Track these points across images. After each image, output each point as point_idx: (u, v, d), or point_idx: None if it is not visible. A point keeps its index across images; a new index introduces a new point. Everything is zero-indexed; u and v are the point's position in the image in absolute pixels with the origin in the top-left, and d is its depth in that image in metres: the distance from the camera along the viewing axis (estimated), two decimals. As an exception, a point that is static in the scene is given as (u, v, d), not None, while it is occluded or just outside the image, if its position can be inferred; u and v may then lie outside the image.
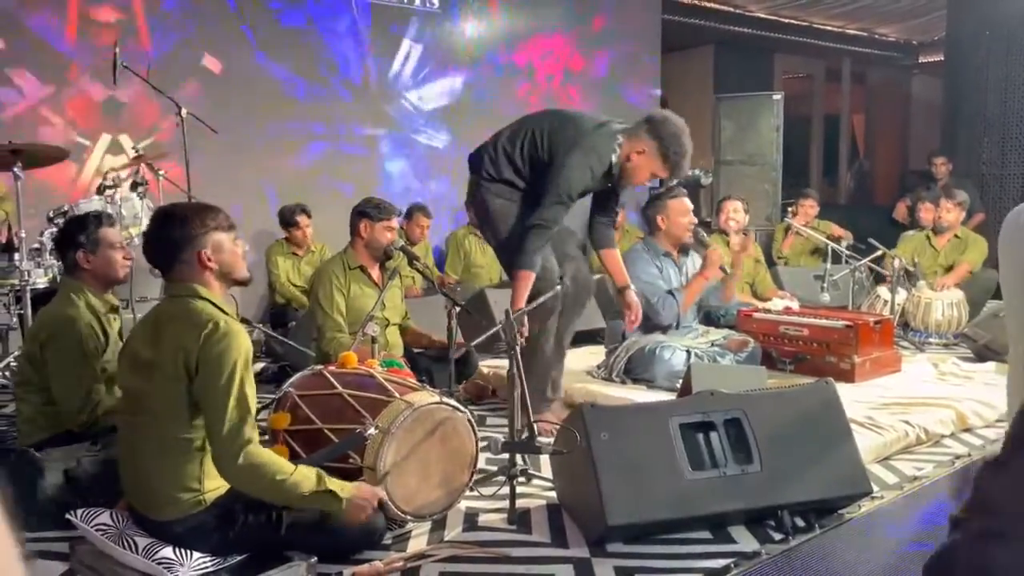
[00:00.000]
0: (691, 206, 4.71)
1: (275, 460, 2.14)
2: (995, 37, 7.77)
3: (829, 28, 11.54)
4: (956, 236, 5.98)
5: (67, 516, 2.29)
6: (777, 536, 2.58)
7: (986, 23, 7.85)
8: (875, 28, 12.02)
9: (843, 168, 13.15)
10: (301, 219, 5.77)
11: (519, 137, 3.55)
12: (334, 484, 2.18)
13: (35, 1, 5.42)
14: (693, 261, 4.50)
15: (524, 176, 3.52)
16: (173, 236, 2.21)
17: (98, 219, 3.00)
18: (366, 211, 3.97)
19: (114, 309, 3.06)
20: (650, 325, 4.19)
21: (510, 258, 3.46)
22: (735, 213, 5.88)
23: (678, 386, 3.61)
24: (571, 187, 3.38)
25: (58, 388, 2.82)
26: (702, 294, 4.45)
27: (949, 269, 5.90)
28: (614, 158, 3.44)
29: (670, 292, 4.28)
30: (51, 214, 4.16)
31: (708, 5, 10.15)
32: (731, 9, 10.37)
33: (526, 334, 3.22)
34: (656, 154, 3.40)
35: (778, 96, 8.78)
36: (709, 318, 4.91)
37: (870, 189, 13.52)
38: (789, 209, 7.25)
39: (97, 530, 2.23)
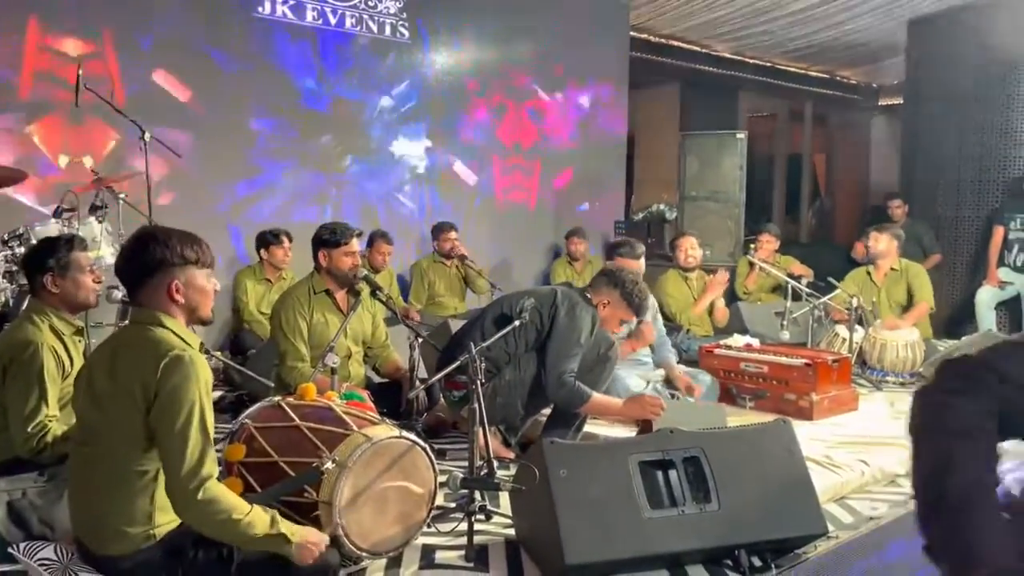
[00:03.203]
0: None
1: (232, 498, 2.08)
2: (951, 83, 8.00)
3: (792, 69, 11.82)
4: (893, 269, 6.07)
5: (9, 550, 2.21)
6: (733, 576, 2.58)
7: (943, 69, 8.08)
8: (837, 70, 12.34)
9: (805, 207, 13.40)
10: (284, 238, 5.71)
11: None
12: (286, 528, 2.13)
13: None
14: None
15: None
16: (148, 258, 2.14)
17: (69, 243, 2.94)
18: (323, 239, 3.94)
19: (79, 331, 2.99)
20: None
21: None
22: (693, 250, 5.95)
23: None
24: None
25: (12, 412, 2.75)
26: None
27: (899, 303, 6.00)
28: None
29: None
30: (5, 236, 4.08)
31: (675, 44, 10.35)
32: (697, 48, 10.58)
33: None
34: (620, 301, 3.72)
35: (742, 135, 8.93)
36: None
37: (831, 228, 13.77)
38: (751, 246, 7.35)
39: (40, 565, 2.16)
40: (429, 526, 2.74)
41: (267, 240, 5.71)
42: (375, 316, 4.20)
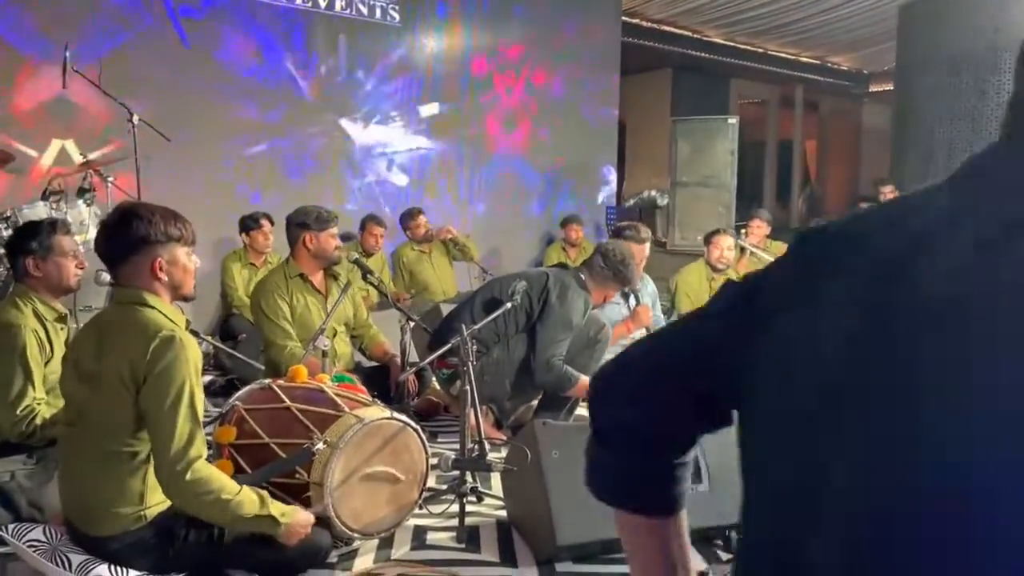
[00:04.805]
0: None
1: (222, 479, 2.07)
2: (941, 69, 8.00)
3: (783, 55, 11.81)
4: None
5: (-2, 532, 2.20)
6: (724, 556, 2.59)
7: (933, 55, 8.08)
8: (828, 56, 12.33)
9: (795, 192, 13.43)
10: (264, 222, 5.67)
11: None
12: (276, 509, 2.12)
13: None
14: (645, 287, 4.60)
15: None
16: (131, 235, 2.11)
17: (52, 226, 2.91)
18: (307, 223, 3.87)
19: (61, 318, 2.96)
20: None
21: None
22: (729, 251, 5.75)
23: None
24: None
25: None
26: None
27: None
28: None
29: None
30: (-8, 218, 4.05)
31: (667, 29, 10.32)
32: (689, 34, 10.56)
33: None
34: (621, 290, 3.89)
35: (733, 120, 8.92)
36: None
37: (821, 213, 13.80)
38: (742, 231, 7.35)
39: (29, 546, 2.15)
40: (421, 507, 2.74)
41: (247, 225, 5.67)
42: (354, 296, 4.17)
